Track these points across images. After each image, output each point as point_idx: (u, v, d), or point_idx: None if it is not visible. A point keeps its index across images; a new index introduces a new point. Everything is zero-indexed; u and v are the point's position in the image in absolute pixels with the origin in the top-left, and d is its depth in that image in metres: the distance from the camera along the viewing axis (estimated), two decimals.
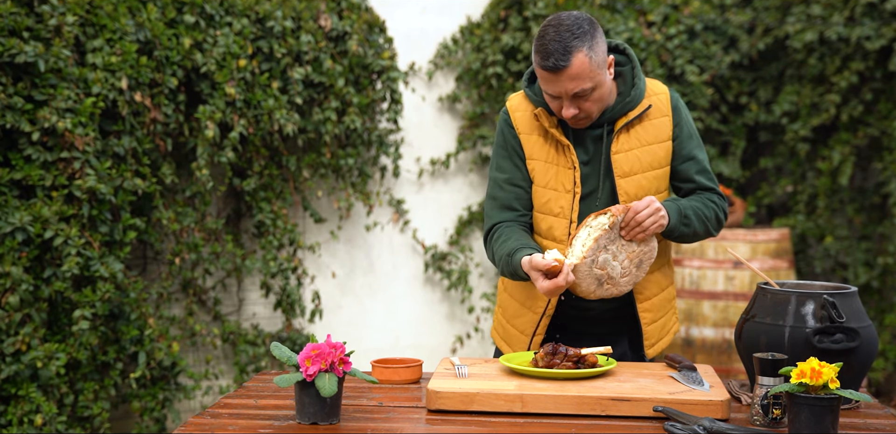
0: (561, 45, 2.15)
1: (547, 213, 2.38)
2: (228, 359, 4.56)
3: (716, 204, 2.40)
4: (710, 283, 4.74)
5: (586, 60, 2.17)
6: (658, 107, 2.38)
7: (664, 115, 2.38)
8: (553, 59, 2.15)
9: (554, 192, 2.36)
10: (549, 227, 2.37)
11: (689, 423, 1.82)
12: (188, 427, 1.86)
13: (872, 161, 5.17)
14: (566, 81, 2.18)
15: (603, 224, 2.17)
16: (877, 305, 5.05)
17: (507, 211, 2.41)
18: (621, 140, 2.34)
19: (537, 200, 2.39)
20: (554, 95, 2.23)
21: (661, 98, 2.39)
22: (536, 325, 2.42)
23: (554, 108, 2.29)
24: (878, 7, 4.83)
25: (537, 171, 2.38)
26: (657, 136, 2.37)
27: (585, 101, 2.24)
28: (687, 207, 2.32)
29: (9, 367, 3.45)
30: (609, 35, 5.12)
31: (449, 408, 1.97)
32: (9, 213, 3.47)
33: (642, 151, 2.35)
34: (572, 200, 2.33)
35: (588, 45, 2.18)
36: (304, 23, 4.43)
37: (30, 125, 3.53)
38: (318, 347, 1.84)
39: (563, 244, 2.34)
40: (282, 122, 4.31)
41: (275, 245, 4.46)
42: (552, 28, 2.18)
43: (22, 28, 3.52)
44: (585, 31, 2.18)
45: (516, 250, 2.26)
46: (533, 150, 2.39)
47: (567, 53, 2.15)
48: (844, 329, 1.98)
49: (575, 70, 2.17)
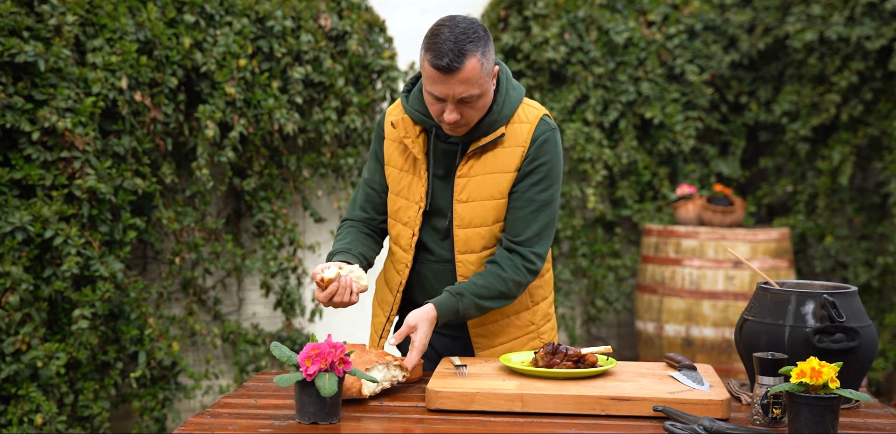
0: (456, 46, 2.09)
1: (397, 221, 2.38)
2: (228, 358, 4.56)
3: (516, 269, 2.26)
4: (710, 282, 4.74)
5: (478, 66, 2.12)
6: (514, 136, 2.27)
7: (519, 145, 2.27)
8: (447, 60, 2.08)
9: (405, 201, 2.35)
10: (398, 235, 2.38)
11: (689, 423, 1.82)
12: (188, 427, 1.86)
13: (872, 161, 5.17)
14: (455, 84, 2.12)
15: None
16: (877, 305, 5.06)
17: (357, 210, 2.46)
18: (469, 164, 2.28)
19: (390, 207, 2.39)
20: (439, 97, 2.16)
21: (524, 127, 2.28)
22: (382, 328, 2.46)
23: (434, 112, 2.20)
24: (878, 7, 4.84)
25: (392, 177, 2.37)
26: (505, 165, 2.27)
27: (469, 108, 2.18)
28: (469, 305, 2.24)
29: (9, 367, 3.45)
30: (609, 35, 5.12)
31: (449, 407, 1.97)
32: (9, 213, 3.47)
33: (485, 179, 2.27)
34: (418, 211, 2.32)
35: (482, 51, 2.13)
36: (304, 22, 4.43)
37: (30, 125, 3.53)
38: (318, 347, 1.84)
39: (407, 253, 2.35)
40: (282, 122, 4.31)
41: (275, 245, 4.46)
42: (447, 28, 2.12)
43: (22, 28, 3.52)
44: (480, 37, 2.13)
45: (334, 253, 2.32)
46: (391, 157, 2.37)
47: (461, 56, 2.09)
48: (844, 329, 1.98)
49: (467, 73, 2.11)
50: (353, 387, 2.01)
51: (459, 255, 2.32)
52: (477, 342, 2.39)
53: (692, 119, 5.30)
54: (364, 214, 2.45)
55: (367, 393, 2.03)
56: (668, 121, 5.19)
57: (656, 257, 4.92)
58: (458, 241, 2.31)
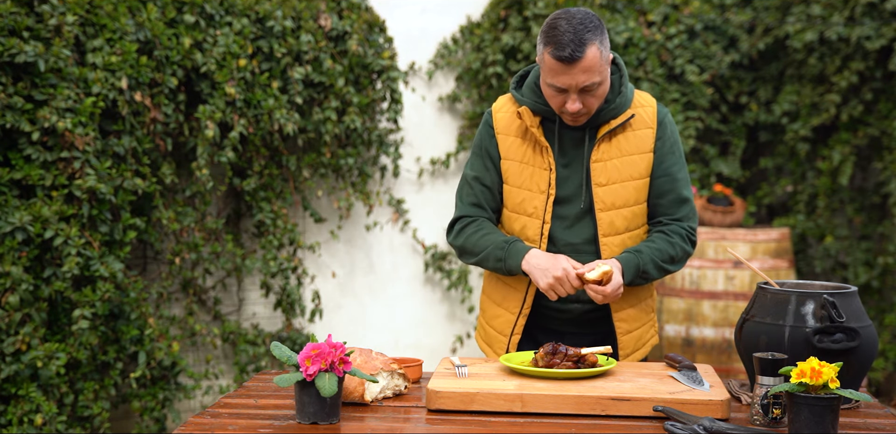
0: (576, 36, 2.16)
1: (521, 213, 2.39)
2: (228, 359, 4.56)
3: (683, 238, 2.39)
4: (710, 282, 4.74)
5: (598, 54, 2.20)
6: (642, 118, 2.38)
7: (648, 127, 2.38)
8: (569, 50, 2.16)
9: (528, 193, 2.37)
10: (523, 227, 2.39)
11: (689, 423, 1.82)
12: (188, 427, 1.86)
13: (872, 161, 5.17)
14: (578, 73, 2.19)
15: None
16: (877, 305, 5.05)
17: (474, 207, 2.45)
18: (602, 148, 2.35)
19: (511, 200, 2.40)
20: (562, 88, 2.23)
21: (648, 110, 2.40)
22: (513, 325, 2.43)
23: (556, 104, 2.29)
24: (878, 7, 4.83)
25: (511, 171, 2.39)
26: (639, 147, 2.37)
27: (590, 96, 2.25)
28: (647, 262, 2.32)
29: (9, 367, 3.45)
30: (609, 35, 5.12)
31: (449, 408, 1.97)
32: (9, 213, 3.47)
33: (622, 161, 2.36)
34: (546, 201, 2.35)
35: (600, 40, 2.20)
36: (304, 22, 4.43)
37: (30, 125, 3.53)
38: (319, 347, 1.84)
39: (534, 244, 2.37)
40: (282, 122, 4.31)
41: (275, 245, 4.46)
42: (564, 21, 2.19)
43: (22, 28, 3.52)
44: (597, 26, 2.21)
45: (515, 241, 2.33)
46: (509, 151, 2.40)
47: (582, 45, 2.16)
48: (844, 329, 1.98)
49: (588, 62, 2.18)
50: (355, 391, 2.01)
51: (603, 237, 2.36)
52: (619, 326, 2.42)
53: (692, 119, 5.30)
54: (483, 210, 2.45)
55: (369, 398, 2.03)
56: None
57: None
58: (601, 223, 2.35)
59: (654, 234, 2.39)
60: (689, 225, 2.40)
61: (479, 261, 2.39)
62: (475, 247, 2.39)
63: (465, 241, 2.41)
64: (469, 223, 2.43)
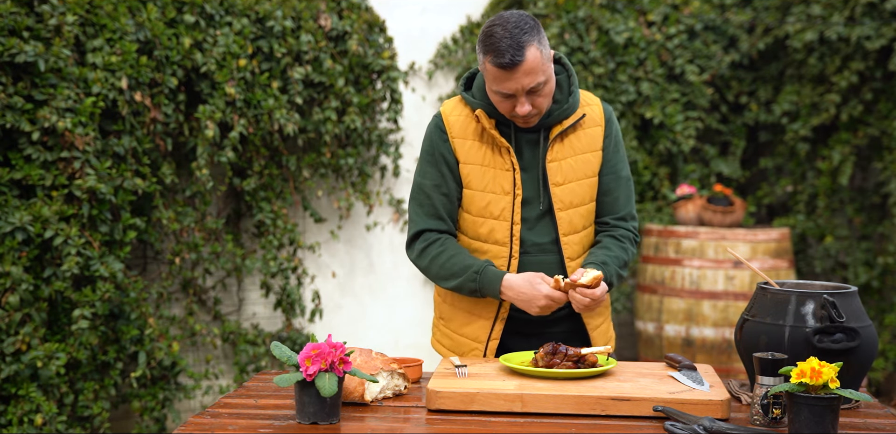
0: (513, 41, 2.16)
1: (487, 217, 2.37)
2: (228, 359, 4.56)
3: (631, 242, 2.42)
4: (710, 282, 4.74)
5: (538, 54, 2.19)
6: (591, 117, 2.40)
7: (597, 125, 2.41)
8: (509, 56, 2.15)
9: (493, 195, 2.36)
10: (491, 230, 2.37)
11: (689, 423, 1.82)
12: (188, 427, 1.86)
13: (872, 161, 5.17)
14: (521, 77, 2.19)
15: None
16: (877, 305, 5.06)
17: (434, 219, 2.39)
18: (555, 148, 2.36)
19: (475, 204, 2.37)
20: (508, 93, 2.23)
21: (595, 109, 2.42)
22: (490, 330, 2.41)
23: (504, 109, 2.28)
24: (878, 7, 4.83)
25: (473, 174, 2.36)
26: (590, 145, 2.39)
27: (538, 97, 2.25)
28: (612, 274, 2.32)
29: (9, 367, 3.45)
30: (609, 35, 5.12)
31: (449, 408, 1.97)
32: (9, 213, 3.47)
33: (576, 160, 2.37)
34: (513, 202, 2.34)
35: (538, 39, 2.20)
36: (304, 22, 4.43)
37: (30, 125, 3.53)
38: (319, 347, 1.84)
39: (504, 247, 2.36)
40: (282, 122, 4.31)
41: (275, 245, 4.46)
42: (499, 27, 2.19)
43: (22, 28, 3.52)
44: (532, 26, 2.20)
45: (484, 268, 2.30)
46: (468, 155, 2.37)
47: (521, 48, 2.16)
48: (844, 329, 1.98)
49: (530, 64, 2.18)
50: (355, 391, 2.01)
51: (564, 236, 2.37)
52: (589, 323, 2.43)
53: (692, 119, 5.30)
54: (442, 222, 2.39)
55: (369, 398, 2.03)
56: (669, 121, 5.19)
57: (656, 257, 4.92)
58: (561, 223, 2.36)
59: (607, 240, 2.40)
60: (632, 225, 2.45)
61: (452, 289, 2.36)
62: (442, 271, 2.34)
63: (430, 264, 2.36)
64: (432, 243, 2.37)
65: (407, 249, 2.43)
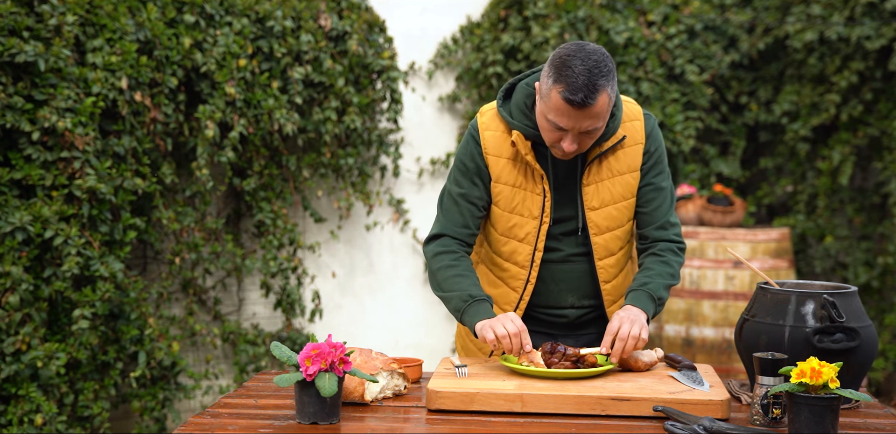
0: (590, 81, 2.06)
1: (511, 238, 2.34)
2: (228, 359, 4.56)
3: (674, 252, 2.35)
4: (710, 282, 4.74)
5: (607, 100, 2.11)
6: (632, 135, 2.32)
7: (637, 143, 2.33)
8: (581, 96, 2.06)
9: (520, 218, 2.32)
10: (513, 252, 2.35)
11: (689, 423, 1.82)
12: (188, 427, 1.86)
13: (872, 161, 5.17)
14: (584, 118, 2.10)
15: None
16: (877, 305, 5.05)
17: (459, 226, 2.36)
18: (593, 170, 2.29)
19: (502, 224, 2.34)
20: (562, 127, 2.14)
21: (636, 125, 2.33)
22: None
23: (549, 139, 2.19)
24: (878, 7, 4.83)
25: (503, 195, 2.32)
26: (629, 166, 2.32)
27: (588, 138, 2.18)
28: (658, 287, 2.27)
29: (9, 367, 3.45)
30: (609, 35, 5.12)
31: (449, 408, 1.97)
32: (9, 213, 3.47)
33: (613, 182, 2.31)
34: (538, 227, 2.30)
35: (611, 86, 2.11)
36: (304, 22, 4.43)
37: (30, 125, 3.53)
38: (318, 347, 1.84)
39: (524, 269, 2.33)
40: (282, 122, 4.31)
41: (275, 245, 4.46)
42: (579, 61, 2.08)
43: (22, 28, 3.52)
44: (610, 70, 2.10)
45: (481, 300, 2.23)
46: (501, 174, 2.32)
47: (595, 91, 2.06)
48: (844, 329, 1.98)
49: (597, 109, 2.09)
50: (355, 391, 2.01)
51: (599, 261, 2.33)
52: (607, 300, 2.40)
53: (692, 119, 5.30)
54: (465, 230, 2.36)
55: (369, 398, 2.03)
56: (669, 121, 5.19)
57: None
58: (597, 248, 2.32)
59: (647, 260, 2.35)
60: (673, 233, 2.37)
61: (441, 298, 2.33)
62: (442, 283, 2.31)
63: (436, 270, 2.33)
64: (448, 252, 2.33)
65: (424, 245, 2.41)
